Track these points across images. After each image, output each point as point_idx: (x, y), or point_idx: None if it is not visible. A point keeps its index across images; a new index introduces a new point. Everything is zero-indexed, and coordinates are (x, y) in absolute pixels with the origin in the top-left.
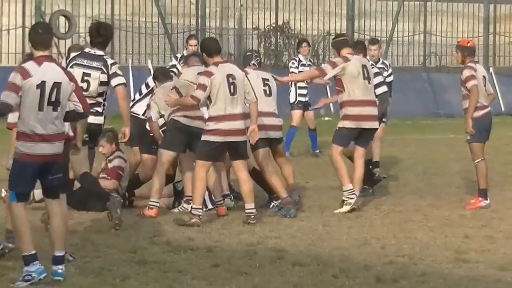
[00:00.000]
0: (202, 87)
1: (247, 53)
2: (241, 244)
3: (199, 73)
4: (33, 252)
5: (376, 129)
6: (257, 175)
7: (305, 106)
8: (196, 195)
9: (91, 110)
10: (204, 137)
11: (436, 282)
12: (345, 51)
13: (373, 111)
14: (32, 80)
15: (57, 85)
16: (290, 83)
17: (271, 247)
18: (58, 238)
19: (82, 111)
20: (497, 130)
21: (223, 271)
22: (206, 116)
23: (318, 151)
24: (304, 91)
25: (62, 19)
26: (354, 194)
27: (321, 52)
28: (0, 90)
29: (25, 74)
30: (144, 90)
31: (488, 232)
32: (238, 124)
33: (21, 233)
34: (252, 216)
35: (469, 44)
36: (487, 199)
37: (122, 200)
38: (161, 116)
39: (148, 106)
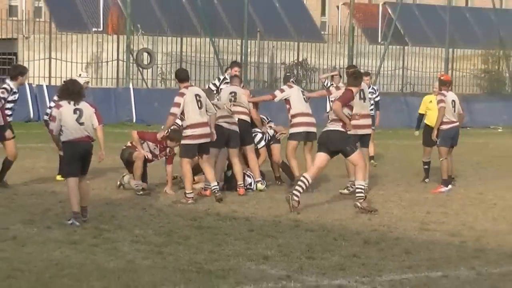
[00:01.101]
0: (177, 104)
1: (287, 74)
2: (270, 215)
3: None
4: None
5: (370, 134)
6: (284, 165)
7: None
8: (186, 184)
9: None
10: (184, 141)
11: (406, 244)
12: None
13: (367, 121)
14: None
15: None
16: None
17: (291, 218)
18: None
19: None
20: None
21: (256, 234)
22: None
23: None
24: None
25: (145, 55)
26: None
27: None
28: (98, 105)
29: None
30: None
31: (444, 210)
32: (206, 130)
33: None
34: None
35: (443, 78)
36: (447, 187)
37: None
38: None
39: None
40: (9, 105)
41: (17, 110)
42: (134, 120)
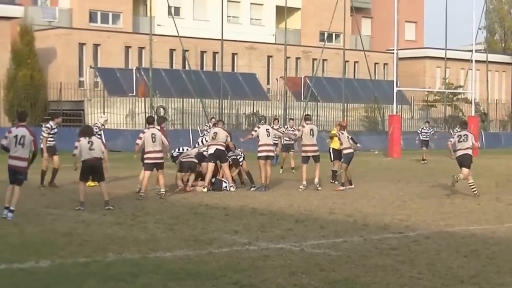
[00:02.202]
0: (140, 139)
1: (260, 117)
2: (238, 205)
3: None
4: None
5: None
6: (249, 173)
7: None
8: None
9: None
10: (145, 161)
11: (321, 222)
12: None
13: (314, 148)
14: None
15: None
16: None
17: (250, 206)
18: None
19: None
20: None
21: (230, 217)
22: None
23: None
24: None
25: (161, 109)
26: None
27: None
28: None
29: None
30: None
31: (343, 201)
32: (159, 155)
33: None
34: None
35: (343, 124)
36: (343, 187)
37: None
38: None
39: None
40: (50, 138)
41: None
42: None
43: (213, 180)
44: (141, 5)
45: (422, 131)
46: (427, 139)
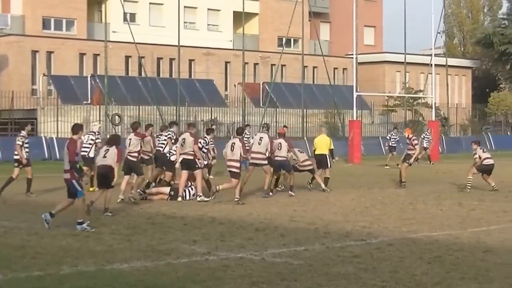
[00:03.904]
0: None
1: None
2: (196, 214)
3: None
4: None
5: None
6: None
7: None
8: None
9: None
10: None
11: (282, 230)
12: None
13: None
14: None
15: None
16: None
17: (209, 215)
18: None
19: None
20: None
21: (189, 227)
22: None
23: None
24: None
25: (116, 117)
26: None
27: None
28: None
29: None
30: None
31: (304, 208)
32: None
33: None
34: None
35: (280, 131)
36: (292, 192)
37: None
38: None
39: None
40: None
41: (36, 152)
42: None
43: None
44: (95, 12)
45: (391, 137)
46: (395, 145)
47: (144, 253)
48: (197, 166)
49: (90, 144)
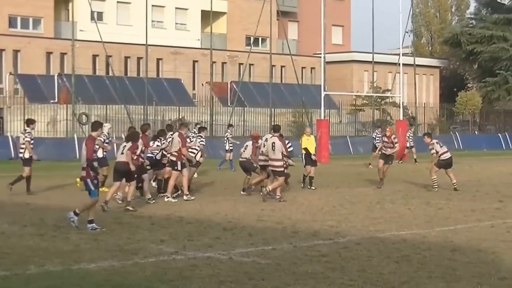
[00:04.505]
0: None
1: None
2: (163, 214)
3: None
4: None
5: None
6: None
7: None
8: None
9: None
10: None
11: (249, 230)
12: None
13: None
14: None
15: None
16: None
17: (177, 215)
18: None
19: None
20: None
21: (156, 226)
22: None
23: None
24: None
25: (84, 116)
26: None
27: None
28: (56, 148)
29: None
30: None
31: (272, 207)
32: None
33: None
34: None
35: (254, 134)
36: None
37: None
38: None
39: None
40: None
41: (1, 152)
42: (77, 157)
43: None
44: (62, 10)
45: (376, 136)
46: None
47: (111, 253)
48: (176, 168)
49: (97, 145)
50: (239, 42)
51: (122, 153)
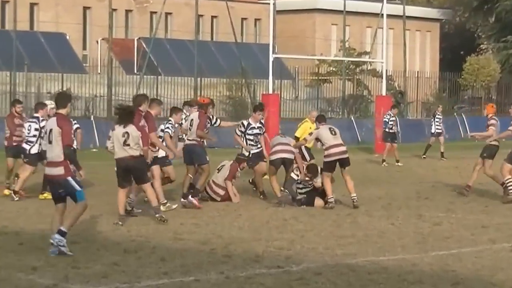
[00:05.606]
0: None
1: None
2: (38, 229)
3: None
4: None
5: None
6: None
7: None
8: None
9: None
10: None
11: (162, 252)
12: None
13: None
14: None
15: None
16: None
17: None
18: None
19: None
20: None
21: (26, 247)
22: None
23: None
24: None
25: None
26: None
27: None
28: None
29: None
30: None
31: (195, 221)
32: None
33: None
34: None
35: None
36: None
37: None
38: None
39: None
40: None
41: None
42: None
43: None
44: None
45: (390, 119)
46: (394, 130)
47: None
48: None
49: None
50: None
51: (128, 144)
